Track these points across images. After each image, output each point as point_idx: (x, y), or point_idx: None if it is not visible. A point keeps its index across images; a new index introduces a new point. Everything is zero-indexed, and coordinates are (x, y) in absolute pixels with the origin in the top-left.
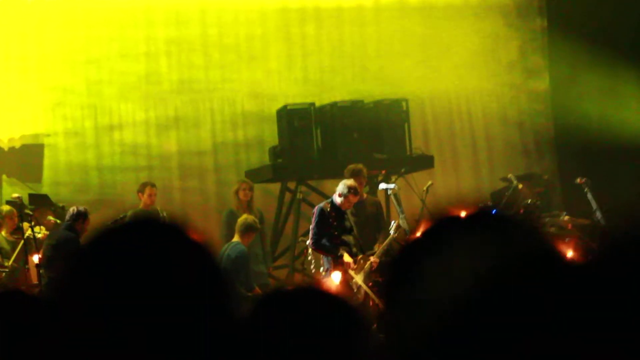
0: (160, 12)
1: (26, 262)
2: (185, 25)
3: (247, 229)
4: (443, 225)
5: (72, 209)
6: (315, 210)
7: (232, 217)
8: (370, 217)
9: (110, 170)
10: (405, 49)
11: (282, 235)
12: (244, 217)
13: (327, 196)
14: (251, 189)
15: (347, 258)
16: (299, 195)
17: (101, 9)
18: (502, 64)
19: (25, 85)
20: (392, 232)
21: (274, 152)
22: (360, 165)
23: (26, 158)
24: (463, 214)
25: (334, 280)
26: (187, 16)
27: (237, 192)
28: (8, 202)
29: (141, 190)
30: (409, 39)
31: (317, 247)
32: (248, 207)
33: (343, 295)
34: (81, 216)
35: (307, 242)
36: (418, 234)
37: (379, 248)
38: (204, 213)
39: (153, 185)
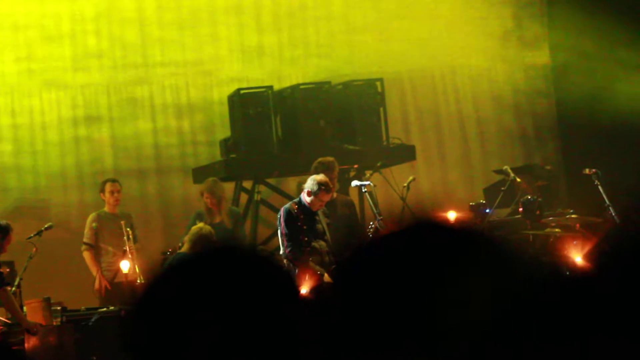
0: None
1: None
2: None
3: (199, 241)
4: (421, 232)
5: None
6: (281, 212)
7: (200, 220)
8: (342, 220)
9: (32, 171)
10: (380, 18)
11: None
12: (198, 227)
13: (289, 196)
14: (214, 196)
15: (327, 278)
16: (257, 197)
17: None
18: (494, 34)
19: None
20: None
21: (226, 146)
22: (330, 159)
23: None
24: (451, 216)
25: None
26: None
27: (202, 197)
28: None
29: (101, 189)
30: (384, 7)
31: (295, 257)
32: (218, 211)
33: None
34: (2, 230)
35: (281, 252)
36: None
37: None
38: (144, 221)
39: (114, 181)
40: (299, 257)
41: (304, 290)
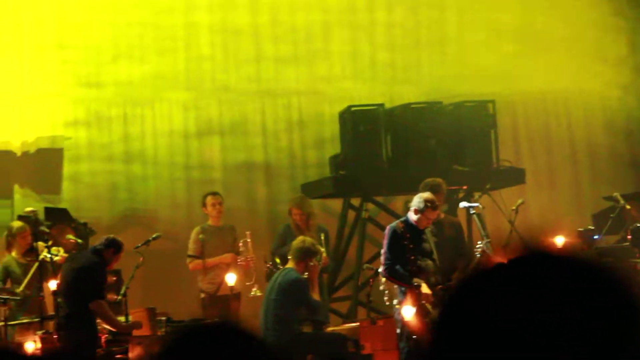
0: None
1: (40, 289)
2: (231, 10)
3: (306, 255)
4: (531, 262)
5: (108, 237)
6: (387, 230)
7: (288, 232)
8: (448, 241)
9: (141, 180)
10: (492, 40)
11: (343, 261)
12: (300, 240)
13: (397, 215)
14: (303, 212)
15: (425, 289)
16: (365, 214)
17: None
18: (608, 60)
19: (43, 82)
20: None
21: (335, 162)
22: (438, 180)
23: (42, 165)
24: (560, 241)
25: (404, 315)
26: None
27: (290, 214)
28: (20, 218)
29: (203, 203)
30: (496, 29)
31: (391, 274)
32: (306, 228)
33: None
34: (115, 246)
35: (379, 270)
36: (496, 263)
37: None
38: (252, 234)
39: (215, 194)
40: (396, 275)
41: (412, 309)
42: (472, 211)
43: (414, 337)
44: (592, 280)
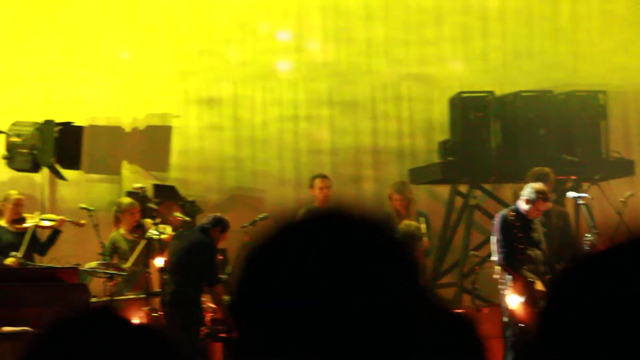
0: None
1: (147, 265)
2: None
3: (411, 239)
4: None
5: (214, 215)
6: (497, 218)
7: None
8: (555, 231)
9: (250, 160)
10: (605, 30)
11: (449, 247)
12: (406, 224)
13: (504, 203)
14: (403, 197)
15: (539, 286)
16: (472, 201)
17: None
18: None
19: (153, 56)
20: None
21: (444, 148)
22: (546, 169)
23: (151, 142)
24: None
25: (509, 304)
26: None
27: (390, 199)
28: (129, 194)
29: (311, 185)
30: (610, 19)
31: (508, 263)
32: (407, 214)
33: None
34: (221, 225)
35: (493, 258)
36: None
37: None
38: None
39: (324, 177)
40: (511, 264)
41: (518, 299)
42: (580, 201)
43: (521, 325)
44: None
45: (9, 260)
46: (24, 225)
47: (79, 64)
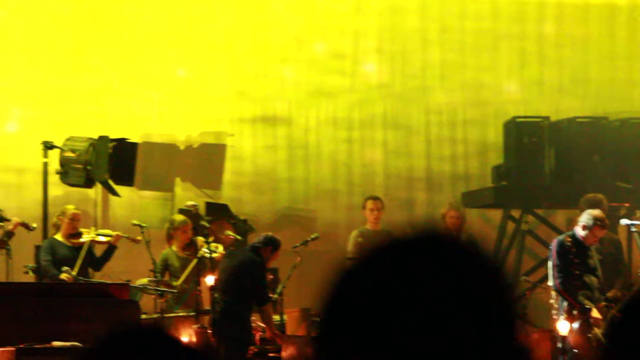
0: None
1: (198, 283)
2: (400, 14)
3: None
4: None
5: (266, 234)
6: (554, 243)
7: None
8: (607, 258)
9: (303, 181)
10: None
11: None
12: None
13: (557, 229)
14: (459, 216)
15: (595, 313)
16: (524, 226)
17: None
18: None
19: (209, 74)
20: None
21: (498, 173)
22: (600, 196)
23: (205, 160)
24: None
25: (560, 330)
26: (398, 3)
27: (443, 217)
28: (181, 211)
29: (363, 206)
30: None
31: (565, 289)
32: (458, 232)
33: None
34: (273, 244)
35: (550, 283)
36: None
37: (618, 297)
38: None
39: (376, 199)
40: (568, 289)
41: (570, 325)
42: (633, 229)
43: (574, 351)
44: None
45: (63, 275)
46: (80, 240)
47: (135, 80)
